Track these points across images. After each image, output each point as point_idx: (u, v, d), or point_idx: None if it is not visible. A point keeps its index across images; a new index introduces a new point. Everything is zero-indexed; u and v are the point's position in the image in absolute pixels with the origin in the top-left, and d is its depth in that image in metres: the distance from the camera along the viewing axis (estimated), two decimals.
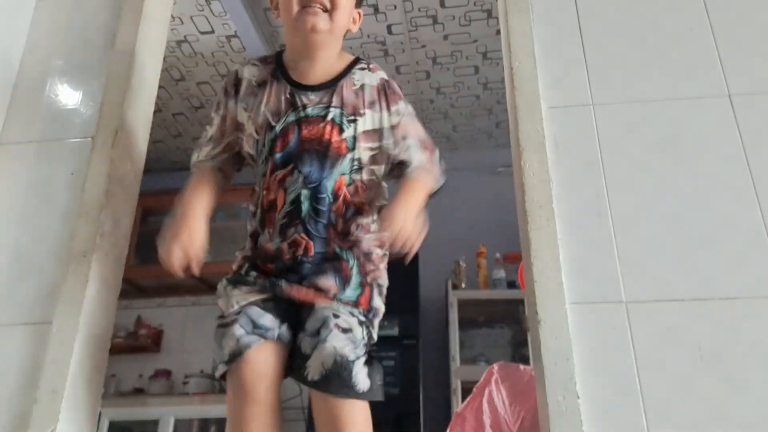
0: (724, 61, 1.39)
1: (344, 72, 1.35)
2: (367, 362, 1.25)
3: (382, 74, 1.38)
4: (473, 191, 4.58)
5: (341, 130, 1.30)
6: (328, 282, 1.26)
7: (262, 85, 1.37)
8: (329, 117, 1.31)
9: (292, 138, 1.30)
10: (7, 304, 1.35)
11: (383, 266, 1.37)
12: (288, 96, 1.33)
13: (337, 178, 1.30)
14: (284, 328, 1.25)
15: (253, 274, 1.30)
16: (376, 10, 3.50)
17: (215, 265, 4.54)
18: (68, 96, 1.57)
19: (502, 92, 3.96)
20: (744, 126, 1.32)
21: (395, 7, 3.49)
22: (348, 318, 1.23)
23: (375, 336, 1.32)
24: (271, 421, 1.19)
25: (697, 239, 1.24)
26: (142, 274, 4.39)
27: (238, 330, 1.21)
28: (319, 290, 1.25)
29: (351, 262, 1.29)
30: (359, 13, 1.42)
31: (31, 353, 1.29)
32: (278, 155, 1.30)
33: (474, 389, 1.81)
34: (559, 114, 1.38)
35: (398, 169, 1.36)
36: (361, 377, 1.21)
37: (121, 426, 3.83)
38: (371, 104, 1.33)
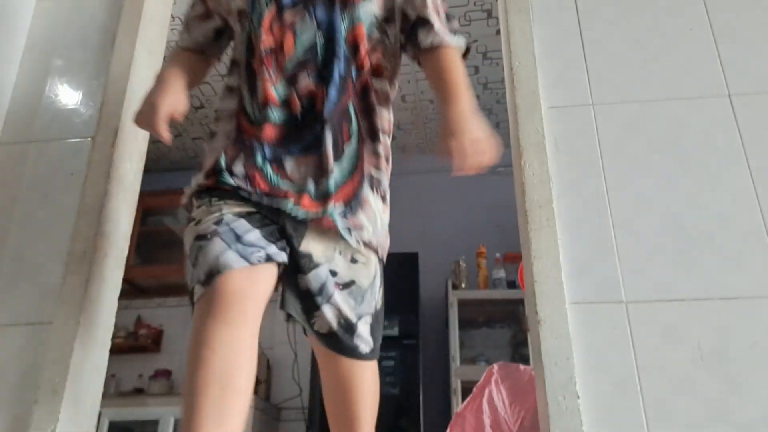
0: (724, 61, 1.39)
1: None
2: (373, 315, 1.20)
3: None
4: (473, 191, 4.58)
5: None
6: (326, 155, 1.12)
7: None
8: None
9: None
10: (7, 304, 1.35)
11: (386, 160, 1.23)
12: None
13: (355, 25, 1.18)
14: (275, 247, 1.08)
15: (240, 171, 1.13)
16: None
17: None
18: (68, 96, 1.57)
19: (502, 92, 3.96)
20: (744, 126, 1.32)
21: None
22: (344, 266, 1.14)
23: (382, 252, 1.20)
24: (242, 349, 1.00)
25: (697, 239, 1.24)
26: (142, 274, 4.39)
27: (219, 245, 1.04)
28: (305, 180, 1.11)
29: (353, 126, 1.17)
30: None
31: (31, 353, 1.29)
32: None
33: (474, 389, 1.81)
34: (559, 114, 1.38)
35: (418, 31, 1.22)
36: (364, 338, 1.17)
37: (121, 426, 3.83)
38: None
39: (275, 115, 1.15)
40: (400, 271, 3.77)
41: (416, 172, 4.73)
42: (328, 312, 1.13)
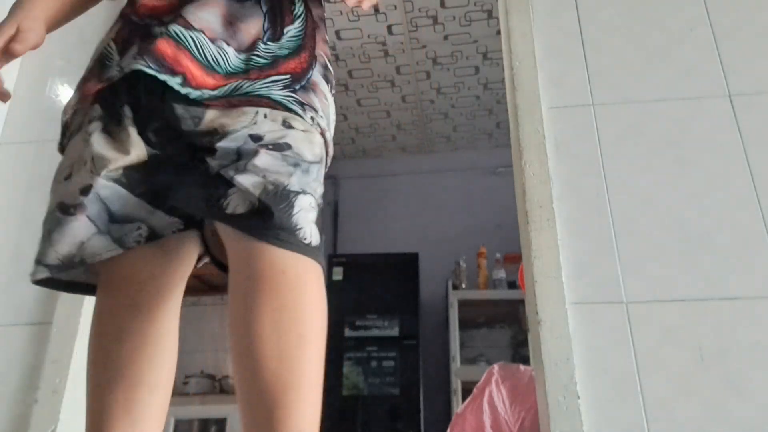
0: (725, 61, 1.39)
1: None
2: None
3: None
4: (473, 191, 4.58)
5: None
6: (256, 19, 0.89)
7: None
8: None
9: None
10: (7, 304, 1.35)
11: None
12: None
13: None
14: (161, 213, 0.86)
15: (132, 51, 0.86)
16: (376, 10, 3.50)
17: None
18: (68, 96, 1.57)
19: (503, 92, 3.96)
20: (744, 126, 1.32)
21: (395, 7, 3.49)
22: (274, 128, 0.83)
23: (328, 131, 0.90)
24: (154, 337, 0.82)
25: (697, 239, 1.24)
26: None
27: (85, 227, 0.82)
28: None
29: (298, 7, 0.94)
30: None
31: (31, 353, 1.29)
32: None
33: (474, 389, 1.81)
34: (559, 114, 1.38)
35: None
36: (309, 220, 0.80)
37: None
38: None
39: None
40: (400, 271, 3.77)
41: (416, 172, 4.73)
42: (247, 179, 0.78)
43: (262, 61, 0.87)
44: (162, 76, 0.81)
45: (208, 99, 0.82)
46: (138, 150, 0.84)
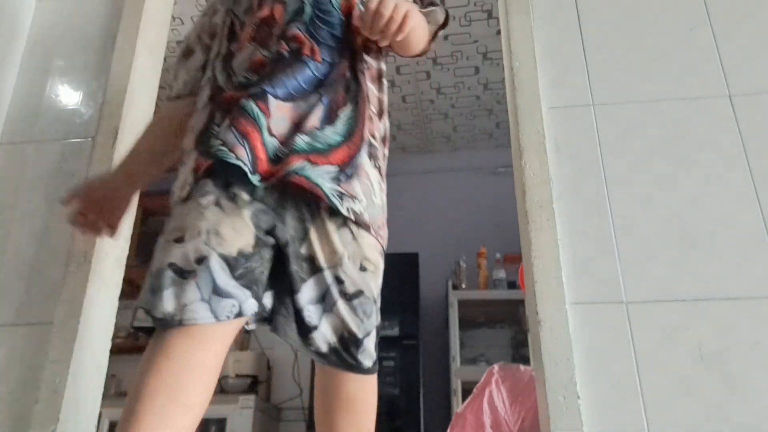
0: (725, 61, 1.39)
1: None
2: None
3: None
4: (473, 191, 4.58)
5: None
6: (314, 115, 1.03)
7: None
8: None
9: None
10: (7, 304, 1.35)
11: (384, 143, 1.16)
12: None
13: None
14: (251, 298, 0.96)
15: (229, 137, 0.99)
16: None
17: None
18: (68, 96, 1.57)
19: (503, 92, 3.96)
20: (744, 126, 1.32)
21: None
22: (353, 274, 1.03)
23: (384, 233, 1.10)
24: (199, 364, 0.92)
25: (697, 239, 1.24)
26: (142, 275, 4.37)
27: (193, 292, 0.92)
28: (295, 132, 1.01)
29: (351, 90, 1.10)
30: None
31: (31, 353, 1.29)
32: None
33: (474, 389, 1.81)
34: (560, 114, 1.38)
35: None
36: (368, 352, 1.05)
37: None
38: None
39: (255, 75, 1.07)
40: (400, 271, 3.77)
41: (416, 172, 4.73)
42: (328, 325, 1.02)
43: (320, 146, 1.03)
44: (253, 178, 0.98)
45: (268, 181, 0.99)
46: (248, 237, 0.97)
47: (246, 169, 0.96)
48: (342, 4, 1.14)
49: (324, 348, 1.02)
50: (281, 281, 1.02)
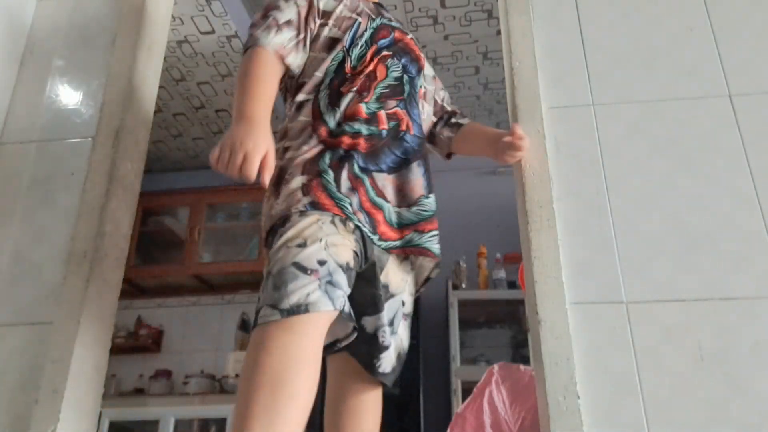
0: (725, 61, 1.39)
1: None
2: None
3: None
4: (473, 191, 4.58)
5: (417, 46, 1.46)
6: (417, 183, 1.28)
7: None
8: (409, 34, 1.46)
9: (389, 34, 1.40)
10: (7, 304, 1.35)
11: None
12: (374, 5, 1.45)
13: (421, 87, 1.44)
14: (348, 304, 1.12)
15: (356, 202, 1.19)
16: None
17: (216, 265, 4.55)
18: (68, 96, 1.57)
19: (503, 92, 3.97)
20: (744, 126, 1.32)
21: (395, 7, 3.49)
22: (410, 297, 1.33)
23: None
24: (301, 355, 1.03)
25: (697, 239, 1.24)
26: (142, 274, 4.39)
27: (314, 284, 1.06)
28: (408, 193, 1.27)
29: (428, 164, 1.36)
30: None
31: (31, 353, 1.29)
32: (382, 41, 1.37)
33: (474, 389, 1.81)
34: (559, 114, 1.38)
35: (452, 118, 1.54)
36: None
37: (121, 426, 3.83)
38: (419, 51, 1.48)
39: (363, 128, 1.26)
40: None
41: None
42: (394, 347, 1.25)
43: (427, 213, 1.28)
44: (369, 235, 1.20)
45: (392, 248, 1.24)
46: (351, 254, 1.15)
47: (366, 230, 1.19)
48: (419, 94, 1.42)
49: (389, 368, 1.23)
50: (356, 303, 1.17)
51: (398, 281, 1.28)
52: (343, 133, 1.24)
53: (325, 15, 1.36)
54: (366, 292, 1.21)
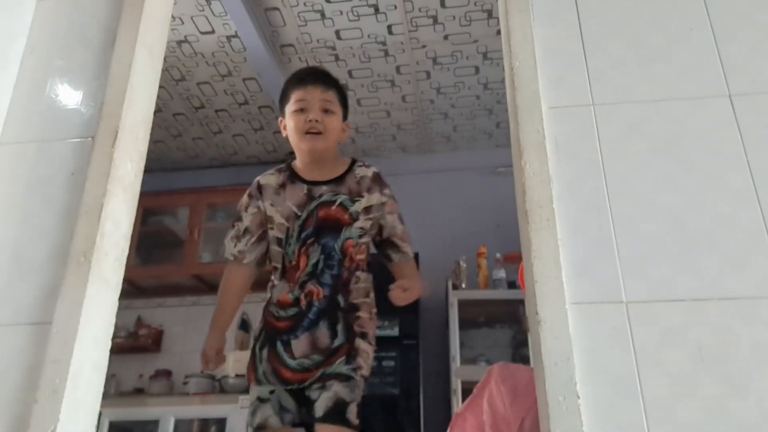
0: (724, 61, 1.39)
1: (347, 170, 1.91)
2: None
3: (374, 168, 1.94)
4: (473, 191, 4.58)
5: (346, 208, 1.84)
6: (323, 336, 1.77)
7: (281, 186, 1.91)
8: (338, 201, 1.85)
9: (313, 221, 1.83)
10: (7, 304, 1.35)
11: (369, 317, 1.84)
12: (306, 192, 1.87)
13: (345, 241, 1.83)
14: (297, 413, 1.78)
15: (269, 372, 1.80)
16: (376, 10, 3.50)
17: (216, 265, 4.55)
18: (68, 96, 1.57)
19: (503, 92, 3.97)
20: (744, 126, 1.32)
21: (395, 7, 3.49)
22: (344, 372, 1.74)
23: (367, 373, 1.78)
24: None
25: (697, 239, 1.24)
26: (142, 274, 4.39)
27: (268, 410, 1.75)
28: (315, 349, 1.76)
29: (339, 312, 1.80)
30: (347, 125, 1.98)
31: (31, 353, 1.29)
32: (304, 233, 1.83)
33: (474, 389, 1.81)
34: (560, 114, 1.38)
35: (389, 250, 1.95)
36: (354, 413, 1.70)
37: (121, 426, 3.83)
38: (368, 189, 1.88)
39: (287, 312, 1.81)
40: None
41: (416, 172, 4.73)
42: (327, 397, 1.70)
43: (330, 356, 1.80)
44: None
45: (293, 389, 1.81)
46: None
47: (278, 384, 1.79)
48: (342, 249, 1.83)
49: (321, 411, 1.72)
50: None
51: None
52: (277, 318, 1.83)
53: (269, 220, 1.89)
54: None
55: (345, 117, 1.97)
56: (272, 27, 3.67)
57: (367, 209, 1.87)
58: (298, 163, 1.95)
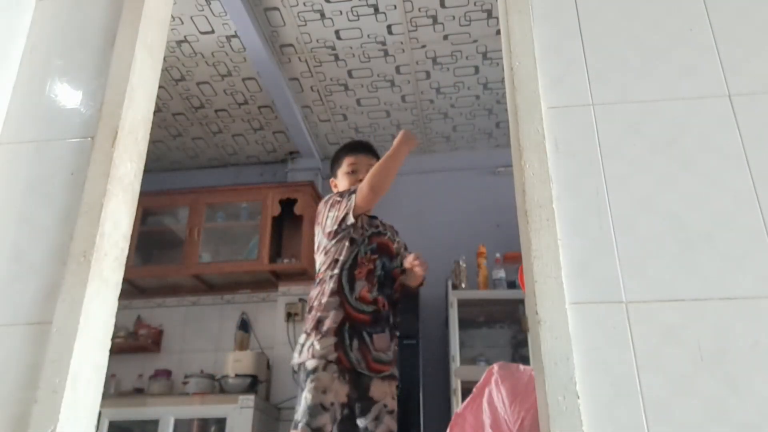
0: (724, 61, 1.39)
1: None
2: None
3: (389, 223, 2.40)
4: (473, 191, 4.58)
5: (393, 241, 2.32)
6: (388, 340, 2.13)
7: None
8: (387, 234, 2.31)
9: (375, 240, 2.25)
10: (7, 304, 1.35)
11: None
12: (369, 218, 2.29)
13: (394, 269, 2.25)
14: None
15: (357, 354, 2.06)
16: (376, 10, 3.50)
17: (215, 265, 4.55)
18: (68, 96, 1.57)
19: (502, 92, 3.97)
20: (744, 126, 1.32)
21: (395, 7, 3.49)
22: (392, 402, 2.10)
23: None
24: None
25: (697, 239, 1.24)
26: (142, 274, 4.39)
27: (329, 418, 1.93)
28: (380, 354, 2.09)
29: (391, 320, 2.18)
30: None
31: (31, 353, 1.29)
32: (370, 246, 2.22)
33: (474, 389, 1.81)
34: (559, 114, 1.38)
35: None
36: None
37: (121, 426, 3.83)
38: (395, 234, 2.40)
39: (368, 308, 2.11)
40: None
41: (416, 172, 4.73)
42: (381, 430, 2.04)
43: (390, 358, 2.18)
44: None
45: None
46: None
47: (361, 369, 2.05)
48: (391, 271, 2.26)
49: None
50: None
51: (380, 393, 2.08)
52: (357, 311, 2.10)
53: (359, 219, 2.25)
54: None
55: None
56: (272, 27, 3.67)
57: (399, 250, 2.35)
58: None
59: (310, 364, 2.00)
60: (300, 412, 1.94)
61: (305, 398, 1.95)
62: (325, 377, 1.96)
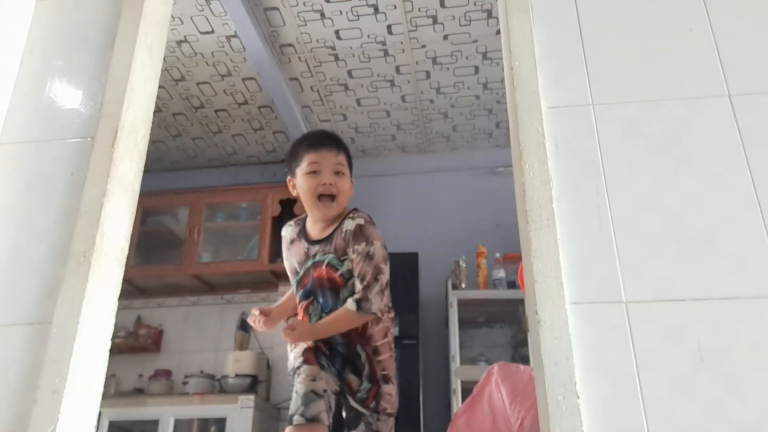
0: (724, 61, 1.39)
1: (338, 226, 1.94)
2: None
3: (359, 220, 1.92)
4: (473, 191, 4.58)
5: (336, 269, 1.90)
6: (354, 381, 1.91)
7: (291, 242, 2.04)
8: (326, 261, 1.91)
9: (309, 280, 1.94)
10: (7, 304, 1.35)
11: (389, 355, 1.96)
12: (305, 250, 1.97)
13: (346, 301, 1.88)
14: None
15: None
16: (376, 10, 3.50)
17: (215, 265, 4.55)
18: (68, 96, 1.57)
19: (502, 92, 3.97)
20: (744, 126, 1.32)
21: (395, 7, 3.49)
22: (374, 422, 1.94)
23: (393, 410, 1.97)
24: None
25: (697, 239, 1.24)
26: (142, 274, 4.39)
27: (323, 405, 1.78)
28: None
29: (362, 356, 1.92)
30: (352, 182, 2.03)
31: (31, 353, 1.29)
32: (302, 291, 1.97)
33: (474, 389, 1.81)
34: (559, 114, 1.38)
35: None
36: None
37: (121, 426, 3.83)
38: (350, 244, 1.90)
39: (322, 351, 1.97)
40: (400, 271, 3.77)
41: (416, 172, 4.73)
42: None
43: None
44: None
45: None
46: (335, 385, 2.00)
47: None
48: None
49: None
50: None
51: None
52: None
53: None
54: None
55: (351, 173, 2.07)
56: (272, 27, 3.67)
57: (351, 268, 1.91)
58: (308, 221, 2.04)
59: (297, 361, 1.91)
60: (293, 406, 1.82)
61: (296, 391, 1.84)
62: (312, 368, 1.85)
